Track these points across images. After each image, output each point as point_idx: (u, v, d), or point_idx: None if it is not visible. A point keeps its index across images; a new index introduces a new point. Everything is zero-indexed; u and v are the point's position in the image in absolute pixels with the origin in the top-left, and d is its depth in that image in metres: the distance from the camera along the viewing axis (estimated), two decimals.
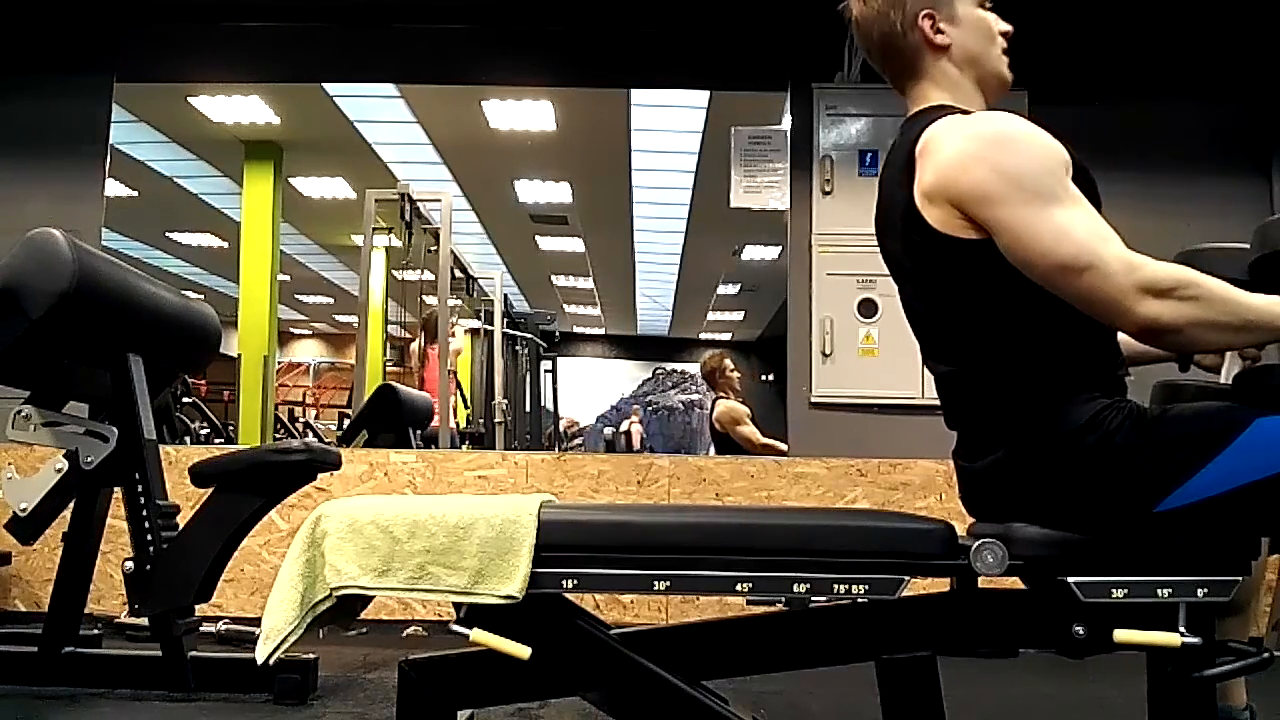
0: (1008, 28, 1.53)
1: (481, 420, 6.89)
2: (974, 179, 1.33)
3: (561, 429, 14.55)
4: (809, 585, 1.32)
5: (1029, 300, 1.35)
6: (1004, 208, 1.31)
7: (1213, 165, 4.22)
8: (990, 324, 1.40)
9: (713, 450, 6.10)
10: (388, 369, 7.00)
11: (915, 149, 1.41)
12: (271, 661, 1.33)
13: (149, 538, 2.46)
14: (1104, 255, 1.27)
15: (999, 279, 1.35)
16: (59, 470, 2.48)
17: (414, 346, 6.55)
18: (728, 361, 6.13)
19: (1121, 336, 1.49)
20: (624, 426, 15.32)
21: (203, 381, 8.39)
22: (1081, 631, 1.30)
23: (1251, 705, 1.95)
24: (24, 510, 2.47)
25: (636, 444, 14.20)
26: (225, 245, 10.31)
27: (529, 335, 8.24)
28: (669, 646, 1.39)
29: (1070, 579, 1.29)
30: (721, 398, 6.01)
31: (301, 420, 9.43)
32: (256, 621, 1.51)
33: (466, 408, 7.01)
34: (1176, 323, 1.26)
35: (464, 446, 6.27)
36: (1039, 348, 1.38)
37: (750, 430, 5.74)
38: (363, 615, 1.70)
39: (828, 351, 4.12)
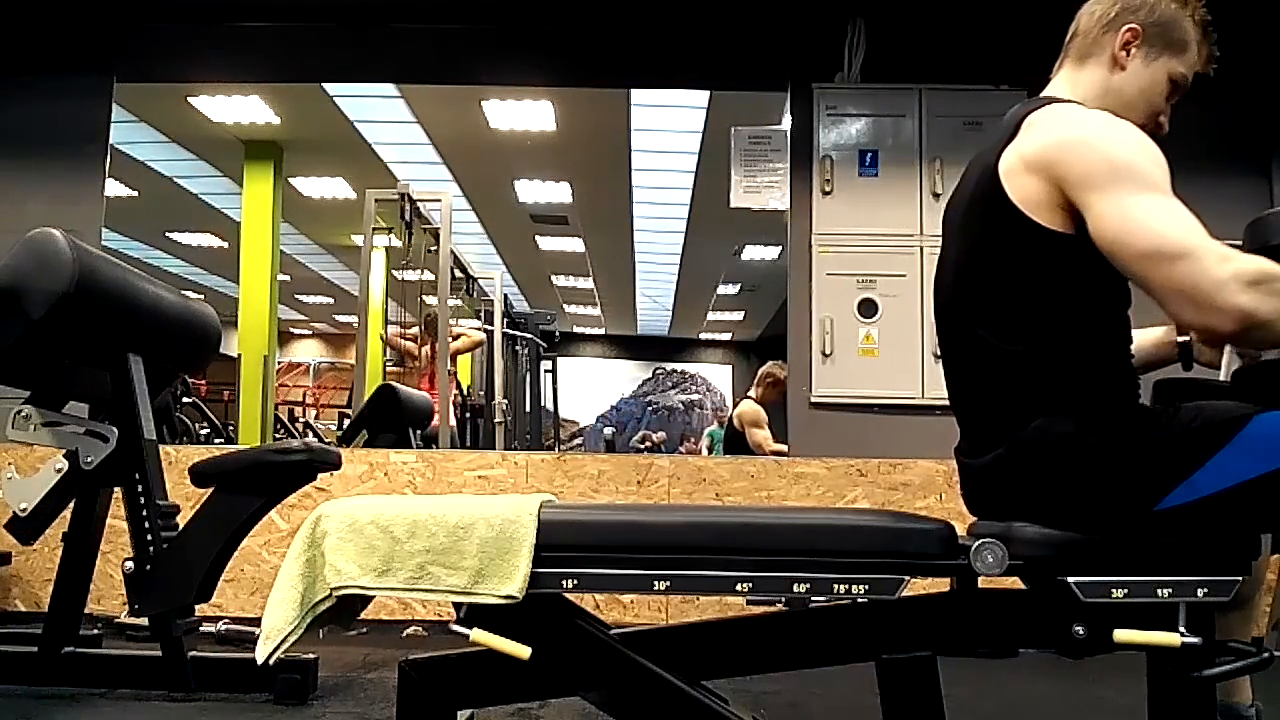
0: (1166, 118, 1.58)
1: (481, 392, 7.07)
2: (1082, 158, 1.35)
3: (655, 440, 14.11)
4: (809, 585, 1.32)
5: (1056, 298, 1.37)
6: (1106, 191, 1.32)
7: (1212, 165, 4.20)
8: (1011, 315, 1.40)
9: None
10: (388, 369, 7.01)
11: (1025, 119, 1.43)
12: (271, 661, 1.33)
13: (149, 538, 2.46)
14: (1199, 245, 1.27)
15: (1040, 272, 1.37)
16: (59, 470, 2.49)
17: (405, 343, 6.56)
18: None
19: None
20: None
21: (203, 381, 8.40)
22: (1081, 631, 1.30)
23: (1258, 703, 1.95)
24: (24, 510, 2.47)
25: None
26: (225, 245, 10.32)
27: (529, 335, 8.24)
28: (669, 646, 1.39)
29: (1070, 579, 1.29)
30: (749, 398, 5.99)
31: (301, 420, 9.44)
32: (256, 621, 1.51)
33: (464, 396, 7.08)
34: (1269, 315, 1.25)
35: (468, 417, 6.59)
36: (1054, 345, 1.38)
37: (765, 435, 5.74)
38: (363, 615, 1.71)
39: (828, 351, 4.11)
